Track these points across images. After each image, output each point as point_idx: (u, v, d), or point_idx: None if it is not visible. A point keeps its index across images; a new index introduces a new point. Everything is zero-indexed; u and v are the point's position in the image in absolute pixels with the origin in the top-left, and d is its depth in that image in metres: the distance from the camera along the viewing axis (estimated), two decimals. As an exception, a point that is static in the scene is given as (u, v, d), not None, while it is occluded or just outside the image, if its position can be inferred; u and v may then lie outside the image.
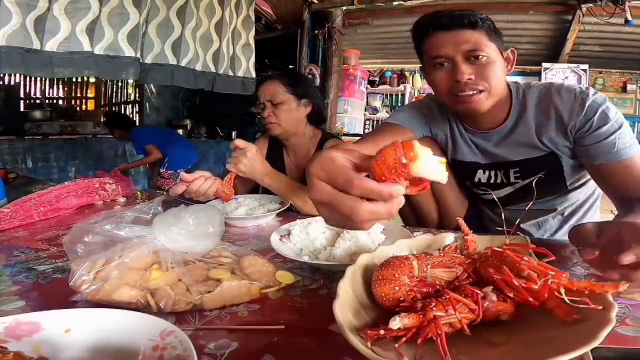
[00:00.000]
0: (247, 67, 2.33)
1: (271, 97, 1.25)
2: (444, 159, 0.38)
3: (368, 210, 0.37)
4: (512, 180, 0.93)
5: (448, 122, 0.99)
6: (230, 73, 2.24)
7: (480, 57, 0.79)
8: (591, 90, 0.81)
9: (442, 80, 0.84)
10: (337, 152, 0.40)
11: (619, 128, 0.78)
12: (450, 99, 0.85)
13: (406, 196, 0.39)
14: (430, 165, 0.38)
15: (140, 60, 1.69)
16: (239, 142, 1.02)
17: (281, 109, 1.24)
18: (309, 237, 0.72)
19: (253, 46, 2.36)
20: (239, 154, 1.01)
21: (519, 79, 0.95)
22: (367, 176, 0.39)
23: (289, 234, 0.74)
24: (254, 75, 2.38)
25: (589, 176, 0.90)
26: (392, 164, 0.37)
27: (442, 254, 0.47)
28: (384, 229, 0.72)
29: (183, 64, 1.90)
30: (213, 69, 2.11)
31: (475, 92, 0.81)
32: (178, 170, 3.37)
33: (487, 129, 0.91)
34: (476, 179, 0.98)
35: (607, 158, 0.78)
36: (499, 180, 0.95)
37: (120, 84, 5.28)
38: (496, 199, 0.69)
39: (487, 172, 0.96)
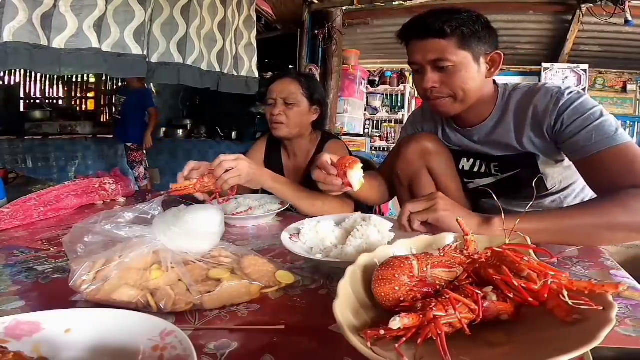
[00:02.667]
0: (250, 66, 2.33)
1: (286, 96, 1.22)
2: (363, 181, 0.79)
3: (321, 177, 0.81)
4: (492, 172, 0.98)
5: (436, 122, 1.06)
6: (234, 73, 2.23)
7: (445, 67, 0.82)
8: (570, 89, 0.82)
9: (417, 83, 0.91)
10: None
11: (596, 120, 0.75)
12: (425, 100, 0.93)
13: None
14: (356, 176, 0.77)
15: (147, 59, 1.68)
16: (225, 162, 0.94)
17: (293, 110, 1.22)
18: (318, 236, 0.72)
19: (255, 46, 2.35)
20: (233, 164, 0.93)
21: (518, 79, 0.98)
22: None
23: (298, 233, 0.74)
24: (257, 75, 2.37)
25: (572, 181, 0.91)
26: (343, 164, 0.79)
27: (442, 254, 0.47)
28: (392, 227, 0.73)
29: (189, 62, 1.88)
30: (218, 69, 2.10)
31: (440, 98, 0.87)
32: (136, 144, 3.82)
33: (469, 126, 0.96)
34: (460, 166, 1.03)
35: (586, 151, 0.76)
36: (482, 170, 1.00)
37: (120, 84, 5.28)
38: (489, 190, 0.70)
39: (470, 160, 1.01)
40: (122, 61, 1.54)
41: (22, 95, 4.54)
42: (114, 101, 3.98)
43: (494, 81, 0.94)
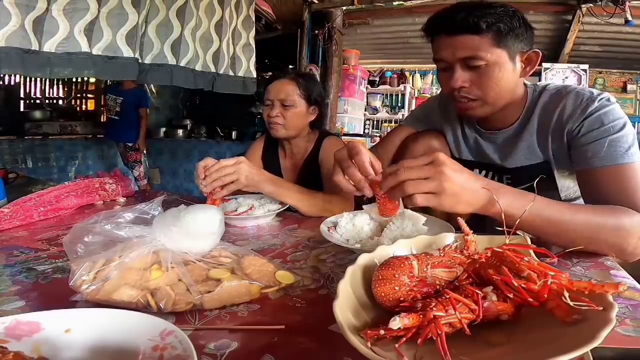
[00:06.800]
0: (247, 67, 2.34)
1: (283, 98, 1.21)
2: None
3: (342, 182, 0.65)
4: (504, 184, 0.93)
5: (454, 121, 1.00)
6: (231, 73, 2.24)
7: (477, 65, 0.76)
8: (601, 96, 0.77)
9: (443, 81, 0.84)
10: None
11: (613, 133, 0.72)
12: (450, 100, 0.86)
13: None
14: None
15: (140, 61, 1.69)
16: (225, 161, 0.91)
17: (291, 111, 1.21)
18: (355, 229, 0.77)
19: (253, 46, 2.36)
20: (231, 170, 0.91)
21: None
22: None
23: (335, 226, 0.78)
24: (254, 75, 2.38)
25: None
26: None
27: (442, 254, 0.47)
28: (425, 221, 0.75)
29: (182, 64, 1.89)
30: (213, 69, 2.10)
31: (468, 100, 0.80)
32: (137, 143, 3.85)
33: (496, 129, 0.90)
34: None
35: (590, 163, 0.73)
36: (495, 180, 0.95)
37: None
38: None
39: (482, 172, 0.97)
40: (112, 64, 1.55)
41: (22, 95, 4.53)
42: (105, 101, 3.98)
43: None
